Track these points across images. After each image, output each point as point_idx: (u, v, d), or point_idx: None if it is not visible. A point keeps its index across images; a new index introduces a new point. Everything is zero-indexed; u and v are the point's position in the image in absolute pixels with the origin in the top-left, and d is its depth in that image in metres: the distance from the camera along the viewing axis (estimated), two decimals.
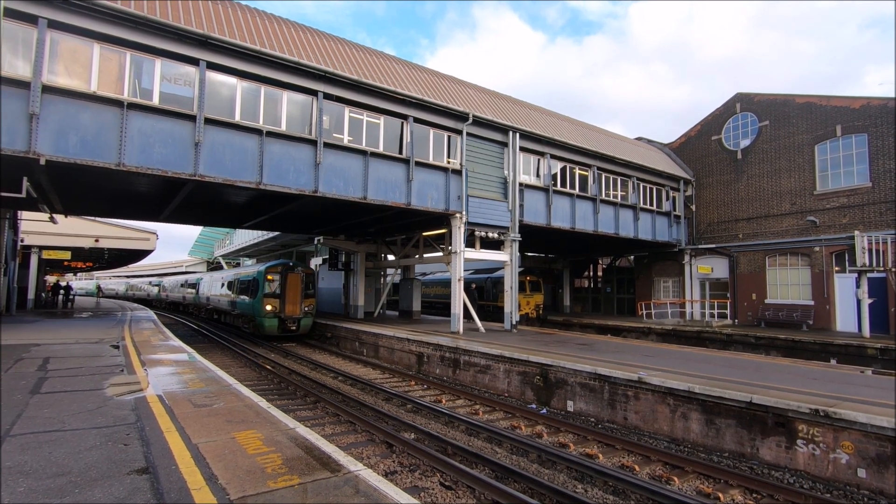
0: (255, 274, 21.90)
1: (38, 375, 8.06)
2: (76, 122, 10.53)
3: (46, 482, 3.88)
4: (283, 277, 20.97)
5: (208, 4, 12.76)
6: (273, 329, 20.74)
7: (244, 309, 22.85)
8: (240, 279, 24.20)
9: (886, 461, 6.48)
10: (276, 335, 20.94)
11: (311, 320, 21.96)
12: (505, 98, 20.65)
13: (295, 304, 21.13)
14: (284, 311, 20.81)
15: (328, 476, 4.22)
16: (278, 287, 20.91)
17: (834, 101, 21.42)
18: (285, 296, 20.87)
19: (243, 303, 22.96)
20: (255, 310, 21.10)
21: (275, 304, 20.69)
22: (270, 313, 20.56)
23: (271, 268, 21.24)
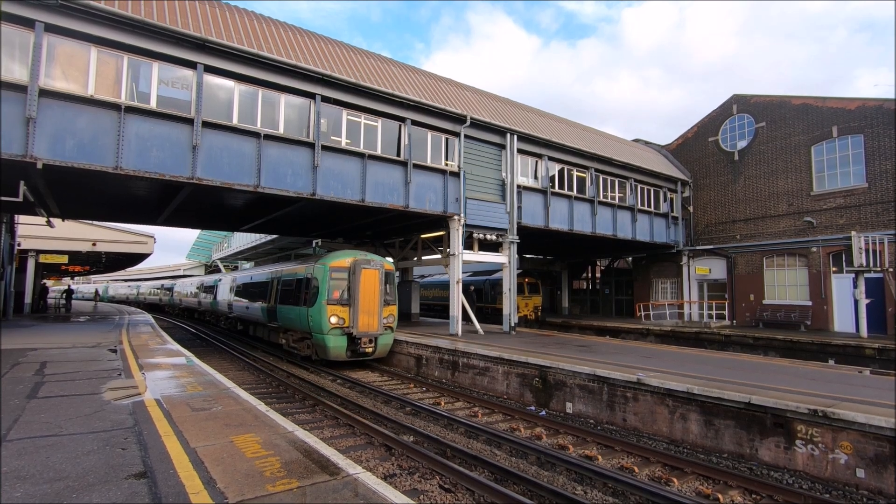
0: (309, 270, 15.72)
1: (35, 380, 8.02)
2: (73, 126, 10.51)
3: (43, 487, 3.86)
4: (353, 275, 14.79)
5: (206, 8, 12.76)
6: (340, 351, 14.44)
7: (291, 321, 16.55)
8: (282, 278, 18.00)
9: (885, 461, 6.49)
10: (343, 360, 14.73)
11: (391, 338, 15.77)
12: (502, 100, 20.69)
13: (372, 314, 14.71)
14: (357, 326, 14.49)
15: (327, 479, 4.21)
16: (346, 289, 14.78)
17: (830, 103, 21.52)
18: (358, 302, 14.58)
19: (289, 312, 16.60)
20: (310, 323, 14.82)
21: (342, 315, 14.45)
22: (336, 328, 14.37)
23: (337, 261, 15.03)
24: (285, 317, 17.02)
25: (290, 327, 16.80)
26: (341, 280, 14.75)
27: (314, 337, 14.83)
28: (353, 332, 14.40)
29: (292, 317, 16.29)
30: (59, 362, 9.86)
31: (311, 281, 15.20)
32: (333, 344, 14.34)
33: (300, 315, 15.50)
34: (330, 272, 14.66)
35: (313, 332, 14.77)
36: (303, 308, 15.31)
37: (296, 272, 16.92)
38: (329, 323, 14.26)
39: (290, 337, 17.16)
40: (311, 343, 15.27)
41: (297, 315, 15.77)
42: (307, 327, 15.03)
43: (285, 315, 17.02)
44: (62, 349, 11.87)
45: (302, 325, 15.43)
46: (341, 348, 14.48)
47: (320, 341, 14.52)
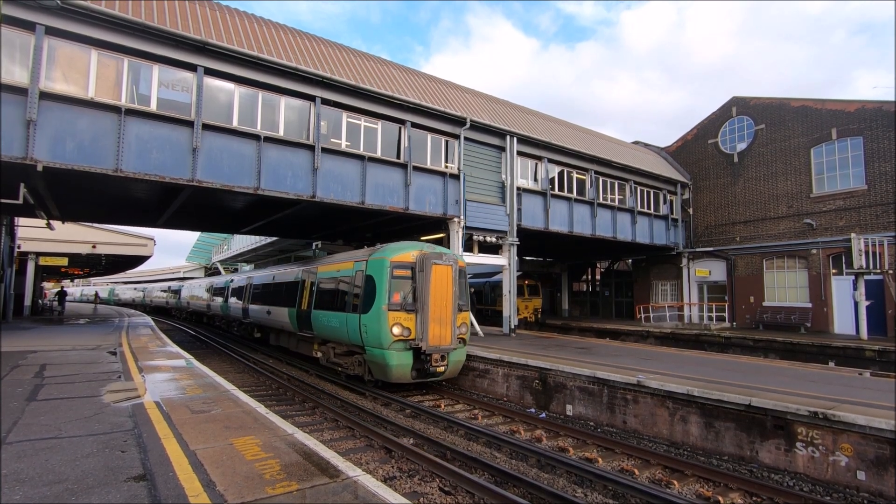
0: (359, 267, 12.44)
1: (35, 382, 8.01)
2: (73, 128, 10.52)
3: (43, 490, 3.86)
4: (421, 273, 11.60)
5: (206, 10, 12.80)
6: (404, 371, 11.32)
7: (332, 331, 13.31)
8: (320, 277, 14.62)
9: (885, 463, 6.48)
10: (408, 382, 11.61)
11: (464, 353, 12.74)
12: (502, 102, 20.72)
13: (444, 322, 11.64)
14: (427, 339, 11.32)
15: (327, 482, 4.20)
16: (412, 291, 11.64)
17: (829, 105, 21.55)
18: (427, 308, 11.39)
19: (330, 320, 13.26)
20: (362, 334, 11.69)
21: (407, 325, 11.32)
22: (399, 341, 11.21)
23: (400, 254, 11.79)
24: (324, 325, 13.70)
25: (331, 338, 13.60)
26: (405, 279, 11.58)
27: (368, 352, 11.64)
28: (422, 347, 11.17)
29: (334, 325, 13.02)
30: (58, 365, 9.85)
31: (363, 279, 12.00)
32: (397, 362, 11.10)
33: (347, 324, 12.26)
34: (391, 269, 11.43)
35: (367, 345, 11.58)
36: (351, 315, 12.10)
37: (338, 269, 13.69)
38: (391, 335, 11.03)
39: (330, 350, 13.91)
40: (363, 360, 12.09)
41: (343, 323, 12.49)
42: (357, 339, 11.88)
43: (324, 323, 13.68)
44: (62, 351, 11.86)
45: (350, 336, 12.27)
46: (406, 367, 11.21)
47: (378, 358, 11.27)
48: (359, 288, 12.12)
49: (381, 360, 11.23)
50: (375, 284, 11.51)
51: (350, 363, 12.94)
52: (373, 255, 12.18)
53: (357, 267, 12.57)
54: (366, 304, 11.60)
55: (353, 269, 12.71)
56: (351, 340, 12.36)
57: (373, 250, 12.58)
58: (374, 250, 12.51)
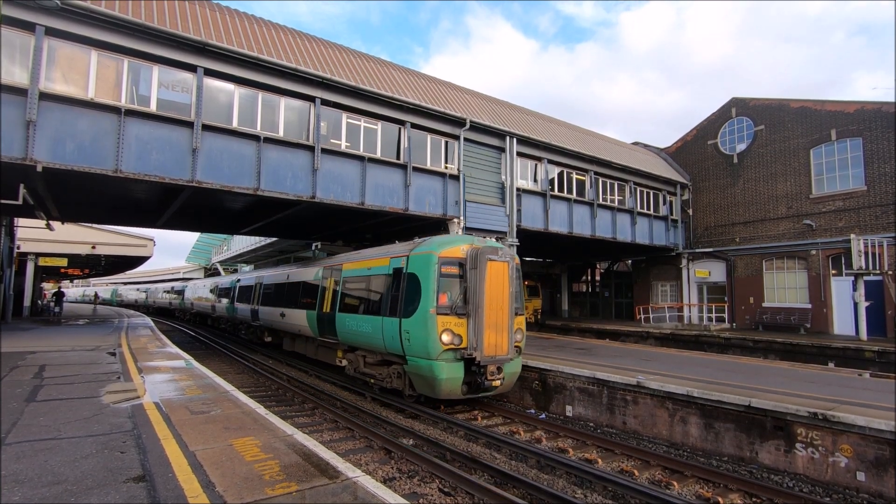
0: (397, 263, 10.94)
1: (34, 383, 8.01)
2: (73, 129, 10.52)
3: (42, 491, 3.85)
4: (474, 271, 9.85)
5: (205, 11, 12.80)
6: (454, 386, 9.72)
7: (363, 337, 11.67)
8: (346, 276, 13.07)
9: (885, 464, 6.48)
10: (458, 399, 10.18)
11: (520, 364, 11.02)
12: (502, 103, 20.73)
13: (501, 329, 9.90)
14: (482, 348, 9.60)
15: (326, 482, 4.20)
16: (463, 292, 9.96)
17: (828, 106, 21.57)
18: (482, 311, 9.64)
19: (361, 324, 11.76)
20: (403, 341, 10.10)
21: (459, 331, 9.70)
22: (448, 351, 9.59)
23: (449, 249, 10.22)
24: (352, 330, 12.11)
25: (361, 345, 11.97)
26: (454, 278, 9.96)
27: (411, 363, 9.99)
28: (476, 358, 9.48)
29: (366, 331, 11.46)
30: (58, 365, 9.84)
31: (404, 278, 10.38)
32: (447, 375, 9.45)
33: (383, 329, 10.68)
34: (439, 265, 9.81)
35: (410, 355, 9.97)
36: (389, 319, 10.54)
37: (370, 266, 12.01)
38: (440, 343, 9.42)
39: (359, 359, 12.17)
40: (403, 371, 10.52)
41: (377, 329, 10.94)
42: (396, 347, 10.31)
43: (352, 328, 12.09)
44: (61, 352, 11.85)
45: (386, 343, 10.65)
46: (457, 381, 9.62)
47: (424, 370, 9.63)
48: (398, 288, 10.52)
49: (428, 372, 9.54)
50: (420, 284, 9.88)
51: (385, 375, 11.24)
52: (415, 249, 10.56)
53: (395, 264, 10.93)
54: (407, 307, 10.01)
55: (390, 266, 11.11)
56: (387, 349, 10.71)
57: (414, 244, 10.96)
58: (415, 244, 10.91)
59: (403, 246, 11.59)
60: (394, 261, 11.09)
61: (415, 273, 10.17)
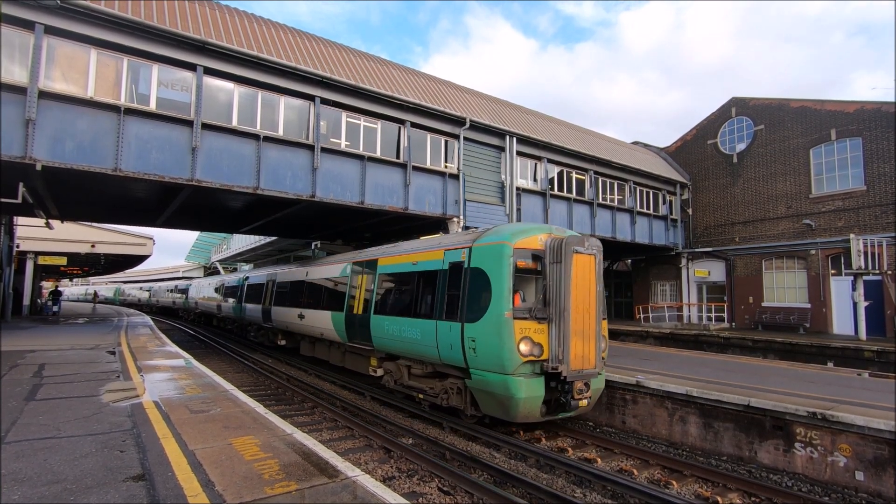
0: (455, 257, 9.27)
1: (34, 382, 8.01)
2: (73, 128, 10.51)
3: (41, 489, 3.86)
4: (558, 265, 8.14)
5: (205, 10, 12.79)
6: (534, 406, 8.04)
7: (409, 344, 10.04)
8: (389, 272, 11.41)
9: (884, 464, 6.49)
10: (536, 421, 8.37)
11: (604, 379, 9.41)
12: (502, 102, 20.72)
13: (588, 337, 8.20)
14: (568, 359, 7.89)
15: (326, 482, 4.20)
16: (542, 290, 8.38)
17: (828, 106, 21.57)
18: (568, 314, 7.98)
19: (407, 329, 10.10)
20: (467, 351, 8.44)
21: (539, 339, 8.05)
22: (528, 363, 7.96)
23: (525, 238, 8.48)
24: (393, 336, 10.49)
25: (406, 353, 10.33)
26: (531, 274, 8.39)
27: (477, 377, 8.27)
28: (562, 372, 7.77)
29: (412, 336, 9.80)
30: (57, 364, 9.84)
31: (465, 274, 8.69)
32: (526, 393, 7.75)
33: (439, 336, 8.98)
34: (514, 258, 8.11)
35: (475, 367, 8.26)
36: (446, 324, 8.84)
37: (416, 260, 10.30)
38: (518, 354, 7.74)
39: (402, 369, 10.55)
40: (463, 387, 8.86)
41: (429, 335, 9.25)
42: (455, 358, 8.63)
43: (394, 333, 10.44)
44: (61, 351, 11.85)
45: (441, 352, 8.98)
46: (537, 401, 7.93)
47: (497, 387, 7.90)
48: (456, 286, 8.86)
49: (502, 390, 7.80)
50: (489, 280, 8.19)
51: (438, 389, 9.54)
52: (480, 239, 8.82)
53: (452, 257, 9.25)
54: (472, 309, 8.36)
55: (445, 259, 9.41)
56: (442, 359, 9.04)
57: (478, 234, 9.19)
58: (479, 234, 9.16)
59: (461, 236, 10.11)
60: (450, 254, 9.34)
61: (481, 268, 8.43)
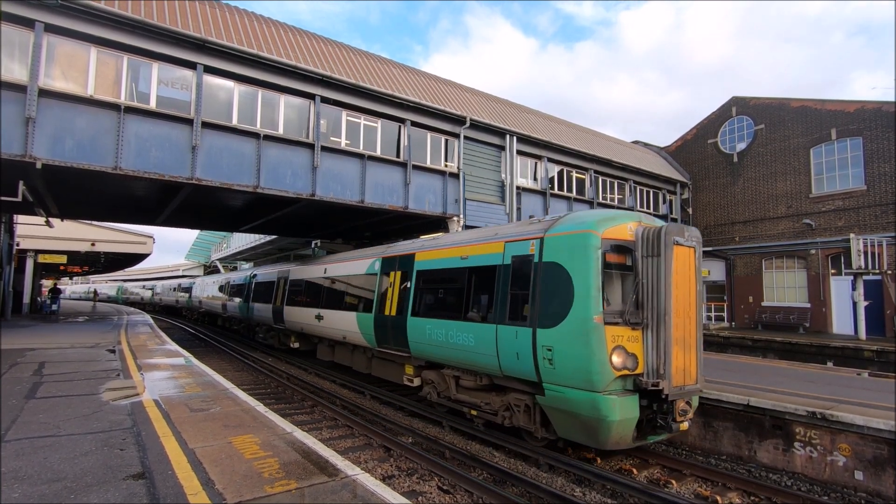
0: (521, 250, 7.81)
1: (34, 380, 8.01)
2: (73, 126, 10.51)
3: (41, 488, 3.86)
4: (652, 259, 6.78)
5: (205, 8, 12.77)
6: (627, 430, 6.59)
7: (470, 353, 8.44)
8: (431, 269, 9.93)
9: (883, 463, 6.50)
10: (626, 447, 7.00)
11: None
12: (502, 101, 20.71)
13: (688, 345, 6.91)
14: (669, 374, 6.49)
15: (326, 480, 4.20)
16: (635, 289, 6.84)
17: (828, 105, 21.57)
18: (666, 319, 6.57)
19: (462, 335, 8.58)
20: (544, 361, 6.96)
21: (633, 348, 6.64)
22: (621, 378, 6.54)
23: (614, 226, 7.01)
24: (438, 341, 9.05)
25: (453, 362, 8.92)
26: (620, 270, 6.95)
27: (553, 394, 6.91)
28: (663, 389, 6.45)
29: (464, 342, 8.41)
30: (57, 362, 9.84)
31: (537, 269, 7.30)
32: (621, 415, 6.40)
33: (501, 343, 7.63)
34: (602, 248, 6.73)
35: (551, 382, 6.90)
36: (510, 328, 7.49)
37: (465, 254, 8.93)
38: (610, 367, 6.42)
39: (449, 381, 9.20)
40: (533, 404, 7.50)
41: (487, 341, 7.91)
42: (524, 370, 7.26)
43: (437, 338, 9.04)
44: (61, 349, 11.86)
45: (503, 362, 7.63)
46: (631, 424, 6.56)
47: (583, 408, 6.54)
48: (523, 284, 7.47)
49: (591, 411, 6.40)
50: (570, 278, 6.78)
51: (497, 405, 8.15)
52: (555, 228, 7.37)
53: (515, 250, 7.79)
54: (548, 312, 6.98)
55: (506, 252, 7.98)
56: (504, 370, 7.67)
57: (549, 222, 7.70)
58: (551, 222, 7.64)
59: (523, 226, 8.40)
60: (513, 246, 7.89)
61: (557, 262, 7.04)
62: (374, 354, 12.00)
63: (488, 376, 8.37)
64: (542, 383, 7.09)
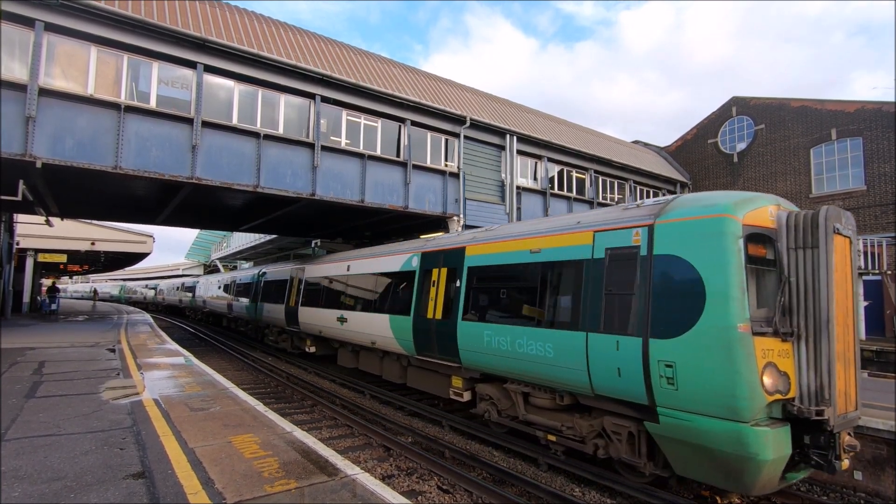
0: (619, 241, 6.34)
1: (34, 379, 8.02)
2: (73, 125, 10.51)
3: (41, 487, 3.86)
4: (809, 251, 5.32)
5: (206, 7, 12.77)
6: (776, 472, 5.09)
7: (550, 367, 6.89)
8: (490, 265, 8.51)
9: (883, 463, 6.50)
10: (773, 490, 5.41)
11: None
12: (502, 101, 20.71)
13: (849, 363, 5.53)
14: (834, 401, 5.08)
15: (325, 480, 4.21)
16: (779, 291, 5.41)
17: (828, 105, 21.57)
18: (828, 329, 5.14)
19: (537, 343, 7.09)
20: (664, 380, 5.48)
21: (784, 365, 5.21)
22: (771, 399, 5.04)
23: (755, 210, 5.53)
24: (504, 351, 7.66)
25: (524, 375, 7.48)
26: (762, 266, 5.60)
27: (677, 422, 5.55)
28: (828, 419, 5.10)
29: (538, 353, 7.07)
30: (57, 362, 9.85)
31: (648, 265, 5.98)
32: (774, 452, 5.00)
33: (593, 354, 6.36)
34: (742, 241, 5.40)
35: (672, 407, 5.57)
36: (611, 339, 6.18)
37: (536, 247, 7.57)
38: (761, 390, 5.08)
39: (517, 398, 7.82)
40: (640, 432, 6.16)
41: (573, 353, 6.60)
42: (634, 391, 5.91)
43: (505, 347, 7.64)
44: (61, 348, 11.86)
45: (595, 379, 6.36)
46: (782, 463, 5.18)
47: (723, 442, 5.17)
48: (628, 282, 6.11)
49: (734, 447, 5.07)
50: (700, 275, 5.46)
51: (585, 431, 6.81)
52: (672, 212, 5.98)
53: (610, 241, 6.46)
54: (667, 318, 5.66)
55: (596, 244, 6.60)
56: (596, 388, 6.34)
57: (658, 206, 6.25)
58: (662, 206, 6.20)
59: (619, 211, 6.76)
60: (606, 236, 6.51)
61: (678, 256, 5.69)
62: (409, 363, 10.66)
63: (571, 395, 6.89)
64: (657, 407, 5.65)
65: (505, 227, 9.08)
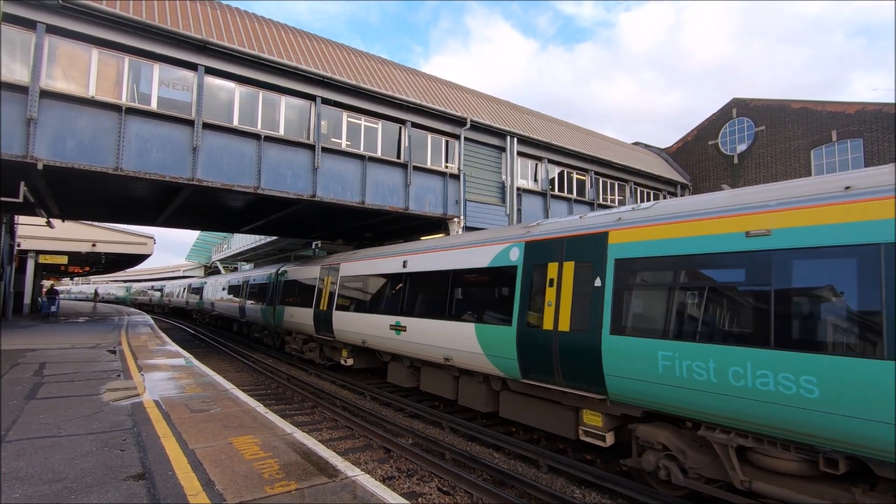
0: None
1: (35, 381, 8.02)
2: (74, 127, 10.53)
3: (42, 488, 3.86)
4: None
5: (206, 9, 12.80)
6: None
7: (807, 413, 4.38)
8: (661, 255, 5.84)
9: None
10: None
11: None
12: (502, 103, 20.74)
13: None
14: None
15: (326, 481, 4.21)
16: None
17: (829, 107, 21.58)
18: None
19: (779, 375, 4.56)
20: None
21: None
22: None
23: None
24: (712, 386, 5.11)
25: (739, 420, 4.98)
26: None
27: None
28: None
29: (795, 392, 4.52)
30: (58, 363, 9.86)
31: None
32: None
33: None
34: None
35: None
36: None
37: (754, 227, 5.11)
38: None
39: (727, 452, 5.28)
40: None
41: (863, 393, 4.15)
42: None
43: (698, 375, 5.23)
44: (61, 350, 11.87)
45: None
46: None
47: None
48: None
49: None
50: None
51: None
52: None
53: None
54: None
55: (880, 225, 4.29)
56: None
57: None
58: None
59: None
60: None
61: None
62: (505, 386, 8.44)
63: (843, 453, 4.48)
64: None
65: (677, 201, 6.35)
